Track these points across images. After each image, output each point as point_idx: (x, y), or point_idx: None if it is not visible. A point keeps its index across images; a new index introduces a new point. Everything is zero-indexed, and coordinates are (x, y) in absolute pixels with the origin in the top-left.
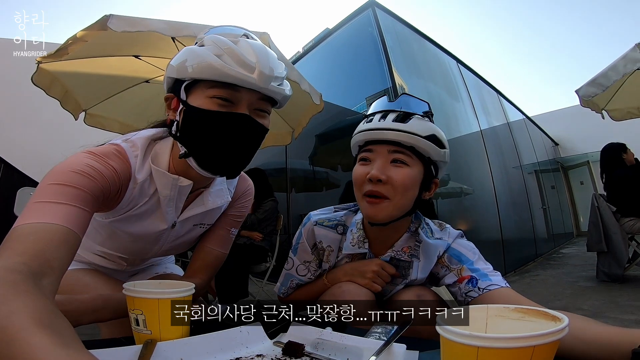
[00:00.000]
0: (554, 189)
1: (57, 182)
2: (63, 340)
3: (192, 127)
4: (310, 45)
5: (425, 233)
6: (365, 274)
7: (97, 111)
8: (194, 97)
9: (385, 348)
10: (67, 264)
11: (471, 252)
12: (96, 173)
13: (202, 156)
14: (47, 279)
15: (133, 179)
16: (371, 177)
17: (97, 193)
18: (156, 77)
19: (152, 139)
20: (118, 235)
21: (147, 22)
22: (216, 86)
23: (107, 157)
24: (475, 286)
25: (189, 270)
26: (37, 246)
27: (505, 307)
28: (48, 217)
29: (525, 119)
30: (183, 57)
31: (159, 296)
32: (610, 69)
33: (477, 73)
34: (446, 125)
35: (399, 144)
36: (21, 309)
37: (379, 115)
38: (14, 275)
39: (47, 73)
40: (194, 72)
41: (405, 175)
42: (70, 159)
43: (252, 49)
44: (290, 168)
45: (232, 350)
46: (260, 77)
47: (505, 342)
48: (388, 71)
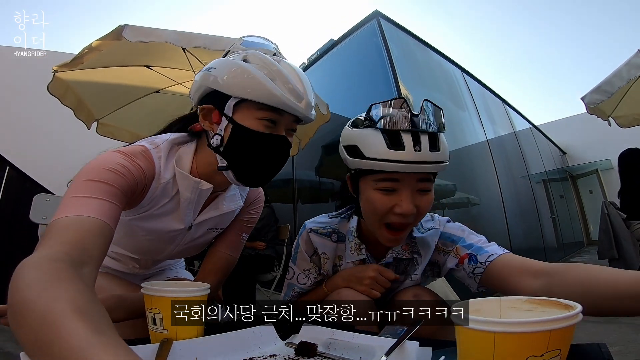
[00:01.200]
0: (562, 198)
1: (91, 178)
2: (98, 327)
3: (239, 145)
4: (315, 56)
5: (417, 229)
6: (363, 280)
7: (109, 121)
8: (242, 115)
9: (398, 346)
10: (104, 254)
11: (460, 230)
12: (126, 171)
13: (241, 171)
14: (87, 268)
15: (157, 179)
16: (405, 213)
17: (126, 190)
18: (166, 88)
19: (175, 143)
20: (135, 233)
21: (159, 33)
22: (265, 109)
23: (135, 156)
24: (477, 262)
25: (200, 273)
26: (77, 237)
27: (517, 298)
28: (85, 211)
29: (532, 127)
30: (228, 71)
31: (177, 295)
32: (614, 75)
33: (482, 82)
34: (452, 135)
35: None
36: (62, 296)
37: (410, 139)
38: (57, 264)
39: (62, 82)
40: (247, 93)
41: (430, 201)
42: (102, 157)
43: (297, 76)
44: (297, 179)
45: (245, 350)
46: (306, 107)
47: (522, 326)
48: (394, 81)
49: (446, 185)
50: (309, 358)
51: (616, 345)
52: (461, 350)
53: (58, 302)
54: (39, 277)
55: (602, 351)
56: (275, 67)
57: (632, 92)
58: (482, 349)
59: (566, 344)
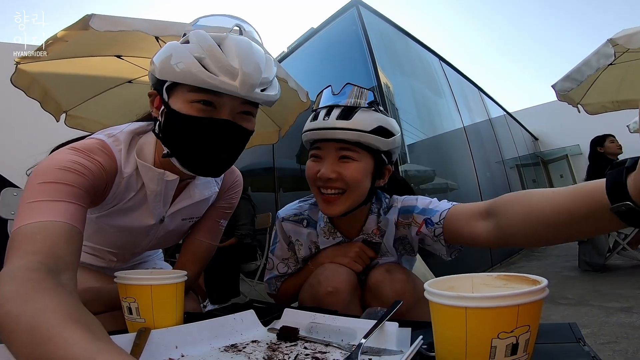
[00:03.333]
0: (535, 183)
1: (46, 180)
2: (94, 334)
3: (173, 130)
4: (295, 44)
5: (384, 212)
6: (348, 253)
7: (79, 112)
8: (175, 99)
9: (378, 327)
10: (78, 259)
11: (412, 200)
12: (83, 169)
13: (183, 157)
14: (65, 275)
15: (119, 173)
16: (321, 177)
17: (88, 188)
18: (139, 77)
19: (135, 133)
20: (105, 230)
21: (130, 22)
22: (197, 90)
23: (91, 152)
24: (433, 224)
25: (178, 262)
26: (47, 244)
27: (488, 275)
28: (48, 215)
29: (506, 114)
30: (165, 55)
31: (152, 282)
32: (584, 64)
33: (459, 70)
34: (430, 122)
35: (344, 141)
36: (49, 306)
37: (324, 112)
38: (34, 274)
39: (26, 74)
40: (175, 76)
41: (354, 169)
42: (53, 157)
43: (236, 51)
44: (277, 167)
45: (227, 337)
46: (242, 85)
47: (491, 301)
48: (373, 69)
49: (425, 171)
50: (291, 342)
51: (588, 327)
52: (436, 328)
53: (45, 313)
54: (17, 290)
55: (572, 330)
56: (210, 47)
57: (600, 80)
58: (455, 326)
59: (535, 320)
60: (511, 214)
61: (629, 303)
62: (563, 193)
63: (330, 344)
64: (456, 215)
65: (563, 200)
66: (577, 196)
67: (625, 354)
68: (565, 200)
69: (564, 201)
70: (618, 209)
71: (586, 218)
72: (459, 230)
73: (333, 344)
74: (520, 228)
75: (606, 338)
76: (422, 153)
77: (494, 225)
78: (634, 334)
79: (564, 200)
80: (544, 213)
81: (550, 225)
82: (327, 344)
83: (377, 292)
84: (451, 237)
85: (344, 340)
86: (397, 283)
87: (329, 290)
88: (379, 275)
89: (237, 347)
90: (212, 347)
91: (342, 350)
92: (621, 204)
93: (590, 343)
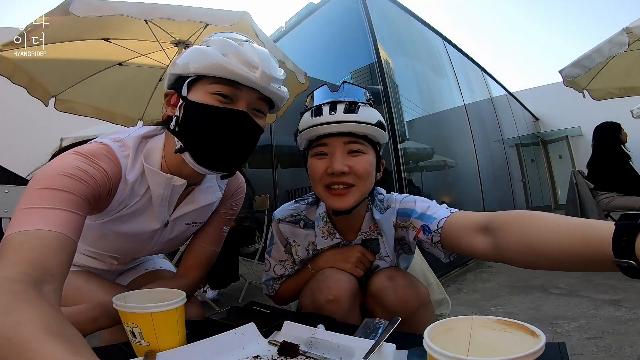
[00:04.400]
0: (533, 162)
1: (46, 186)
2: (74, 347)
3: (191, 121)
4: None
5: (379, 210)
6: (349, 258)
7: (68, 96)
8: (195, 92)
9: (376, 348)
10: (66, 270)
11: (412, 202)
12: (86, 176)
13: (198, 151)
14: (48, 287)
15: (124, 180)
16: (334, 172)
17: (88, 196)
18: (130, 60)
19: (143, 137)
20: (109, 237)
21: (114, 6)
22: (218, 82)
23: (96, 157)
24: (431, 232)
25: (181, 268)
26: (34, 254)
27: (488, 318)
28: (41, 224)
29: (508, 94)
30: (189, 56)
31: (152, 310)
32: (595, 51)
33: (462, 50)
34: (430, 99)
35: (353, 134)
36: (28, 318)
37: (327, 108)
38: (16, 285)
39: (8, 61)
40: (199, 69)
41: (365, 162)
42: (57, 161)
43: (255, 52)
44: (275, 145)
45: (230, 353)
46: (262, 77)
47: None
48: (373, 46)
49: (424, 148)
50: (291, 358)
51: (576, 321)
52: None
53: (24, 326)
54: None
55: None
56: (233, 46)
57: (609, 67)
58: None
59: None
60: (511, 239)
61: (618, 295)
62: (568, 233)
63: None
64: (454, 225)
65: (568, 242)
66: (583, 242)
67: (609, 351)
68: (569, 243)
69: (568, 243)
70: (620, 264)
71: (587, 262)
72: (456, 241)
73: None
74: (519, 255)
75: (592, 333)
76: (421, 130)
77: (492, 243)
78: (619, 329)
79: (568, 242)
80: (547, 249)
81: (549, 259)
82: None
83: (380, 299)
84: (448, 245)
85: (342, 358)
86: (400, 289)
87: (330, 299)
88: (381, 282)
89: None
90: None
91: None
92: (623, 261)
93: (577, 338)
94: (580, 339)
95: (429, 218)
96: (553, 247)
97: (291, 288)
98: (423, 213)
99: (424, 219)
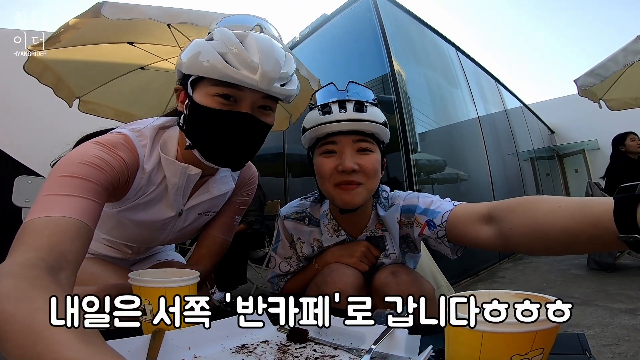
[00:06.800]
0: (548, 176)
1: (67, 174)
2: (86, 336)
3: (196, 123)
4: (307, 31)
5: (384, 207)
6: (354, 253)
7: (91, 98)
8: (198, 93)
9: (387, 333)
10: (82, 257)
11: (414, 198)
12: (105, 164)
13: (205, 149)
14: (64, 273)
15: (141, 168)
16: (345, 169)
17: (107, 185)
18: (151, 64)
19: (160, 128)
20: (124, 225)
21: (141, 9)
22: (219, 84)
23: (115, 147)
24: (435, 227)
25: (193, 257)
26: (52, 240)
27: (506, 292)
28: (60, 210)
29: (523, 106)
30: (191, 52)
31: (166, 285)
32: (610, 59)
33: (476, 61)
34: (443, 111)
35: (362, 133)
36: (43, 306)
37: (337, 106)
38: (32, 271)
39: (39, 61)
40: (199, 70)
41: (373, 161)
42: (78, 150)
43: (257, 48)
44: (287, 153)
45: (238, 337)
46: (262, 79)
47: (509, 327)
48: (387, 57)
49: (436, 160)
50: (300, 344)
51: (591, 329)
52: (449, 345)
53: (39, 313)
54: (14, 287)
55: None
56: (233, 43)
57: (625, 76)
58: (470, 346)
59: (549, 344)
60: (516, 223)
61: (635, 304)
62: (570, 212)
63: (339, 347)
64: (458, 217)
65: (571, 222)
66: (585, 219)
67: (625, 357)
68: (572, 222)
69: (571, 223)
70: (626, 240)
71: (593, 240)
72: (461, 233)
73: (342, 347)
74: (524, 239)
75: (608, 340)
76: (433, 142)
77: (497, 231)
78: (636, 336)
79: (571, 222)
80: (550, 230)
81: (555, 241)
82: (336, 347)
83: (383, 295)
84: (454, 238)
85: (353, 343)
86: (402, 285)
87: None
88: (385, 277)
89: (248, 348)
90: (224, 348)
91: (351, 354)
92: (630, 236)
93: (593, 344)
94: (595, 346)
95: (433, 212)
96: (557, 228)
97: (297, 285)
98: (427, 208)
99: (427, 214)
